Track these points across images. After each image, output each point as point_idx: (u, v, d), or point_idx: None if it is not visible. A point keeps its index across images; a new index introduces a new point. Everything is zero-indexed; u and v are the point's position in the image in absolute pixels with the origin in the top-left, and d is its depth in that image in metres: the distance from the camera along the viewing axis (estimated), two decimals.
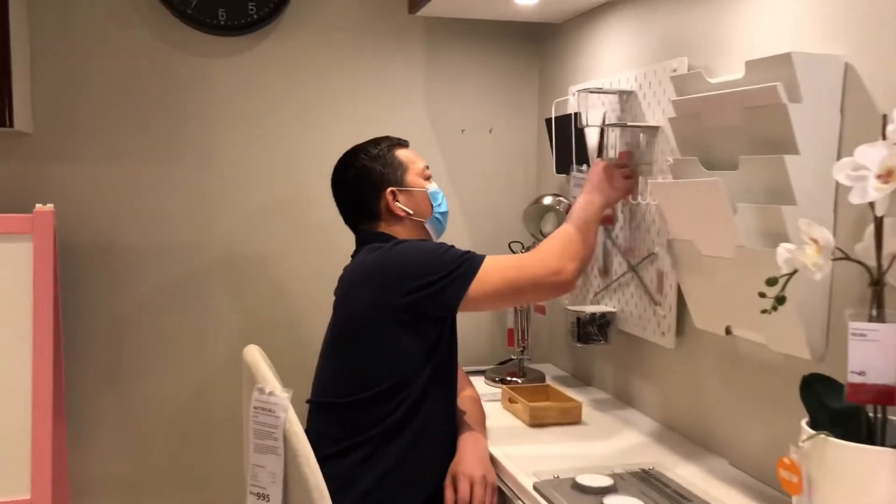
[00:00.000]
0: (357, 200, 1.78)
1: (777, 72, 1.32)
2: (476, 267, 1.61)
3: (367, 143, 1.83)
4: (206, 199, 2.35)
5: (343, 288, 1.73)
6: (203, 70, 2.32)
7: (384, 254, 1.64)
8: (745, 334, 1.54)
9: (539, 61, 2.60)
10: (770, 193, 1.37)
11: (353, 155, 1.81)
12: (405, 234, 1.75)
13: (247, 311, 2.42)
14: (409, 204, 1.77)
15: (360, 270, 1.69)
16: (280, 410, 1.44)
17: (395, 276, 1.60)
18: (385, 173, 1.76)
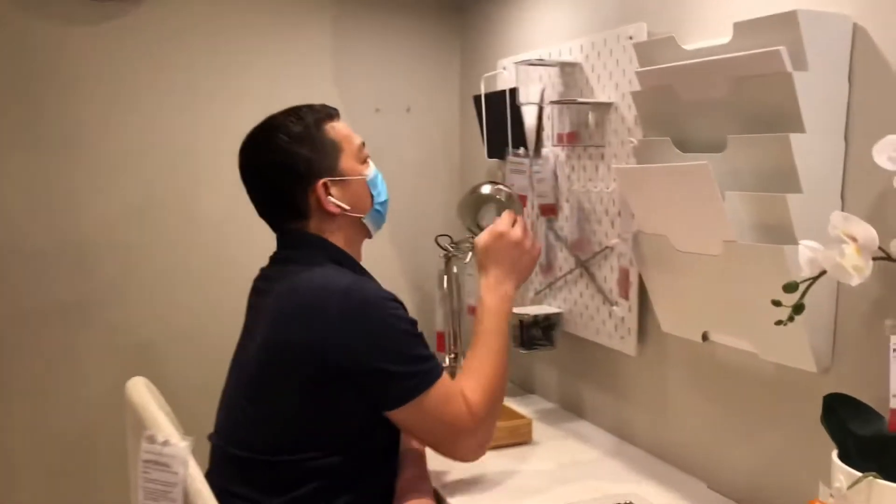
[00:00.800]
0: (277, 194, 1.37)
1: (776, 35, 1.10)
2: (432, 380, 1.26)
3: (286, 115, 1.37)
4: (75, 193, 1.98)
5: (271, 309, 1.30)
6: (66, 41, 1.94)
7: (340, 300, 1.23)
8: (727, 341, 1.34)
9: (460, 32, 2.34)
10: (764, 179, 1.16)
11: (270, 133, 1.35)
12: (339, 234, 1.38)
13: (134, 326, 2.07)
14: (344, 197, 1.37)
15: (298, 300, 1.27)
16: (178, 465, 1.14)
17: (344, 336, 1.22)
18: (313, 160, 1.34)
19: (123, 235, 2.03)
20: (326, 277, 1.28)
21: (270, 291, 1.33)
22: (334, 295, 1.23)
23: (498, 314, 1.42)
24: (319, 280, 1.27)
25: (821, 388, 1.15)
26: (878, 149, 0.90)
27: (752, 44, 1.14)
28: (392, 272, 2.31)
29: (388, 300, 1.26)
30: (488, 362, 1.36)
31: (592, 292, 1.69)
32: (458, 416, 1.27)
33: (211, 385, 1.75)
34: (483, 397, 1.31)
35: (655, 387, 1.56)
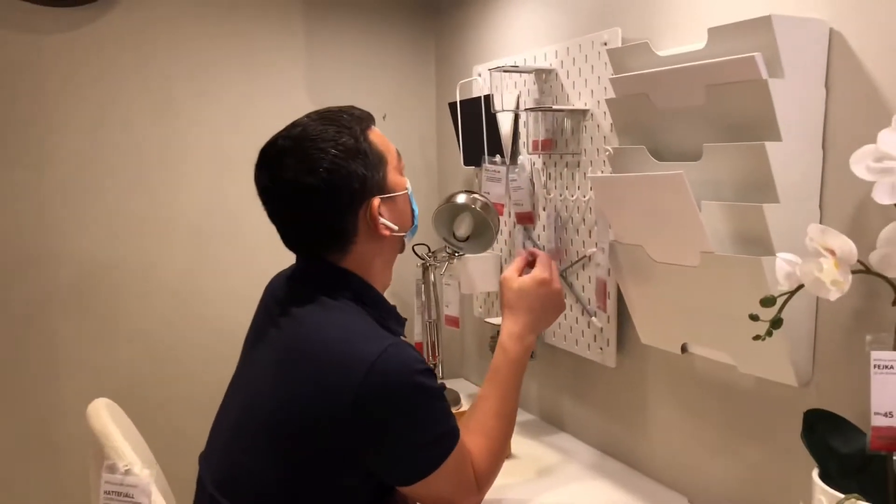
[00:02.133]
0: (315, 221, 1.17)
1: (751, 40, 1.07)
2: (447, 452, 1.14)
3: (325, 122, 1.17)
4: (43, 209, 1.93)
5: (284, 360, 1.16)
6: (32, 49, 1.89)
7: (363, 378, 1.06)
8: (706, 353, 1.31)
9: (435, 37, 2.31)
10: (741, 189, 1.13)
11: (311, 146, 1.14)
12: (377, 263, 1.24)
13: (106, 352, 2.02)
14: (392, 215, 1.21)
15: (315, 364, 1.10)
16: (141, 495, 1.09)
17: (364, 419, 1.07)
18: (367, 176, 1.16)
19: (94, 247, 1.98)
20: (351, 337, 1.12)
21: (282, 326, 1.20)
22: (359, 367, 1.06)
23: (518, 366, 1.34)
24: (342, 342, 1.11)
25: (801, 401, 1.13)
26: (856, 158, 0.87)
27: (727, 50, 1.11)
28: None
29: (418, 373, 1.10)
30: (500, 430, 1.27)
31: (571, 302, 1.66)
32: (467, 484, 1.19)
33: (189, 419, 1.71)
34: (490, 463, 1.23)
35: (635, 399, 1.53)
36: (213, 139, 2.08)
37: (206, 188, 2.08)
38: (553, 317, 1.41)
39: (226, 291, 2.11)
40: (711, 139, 1.16)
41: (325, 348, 1.11)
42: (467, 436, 1.22)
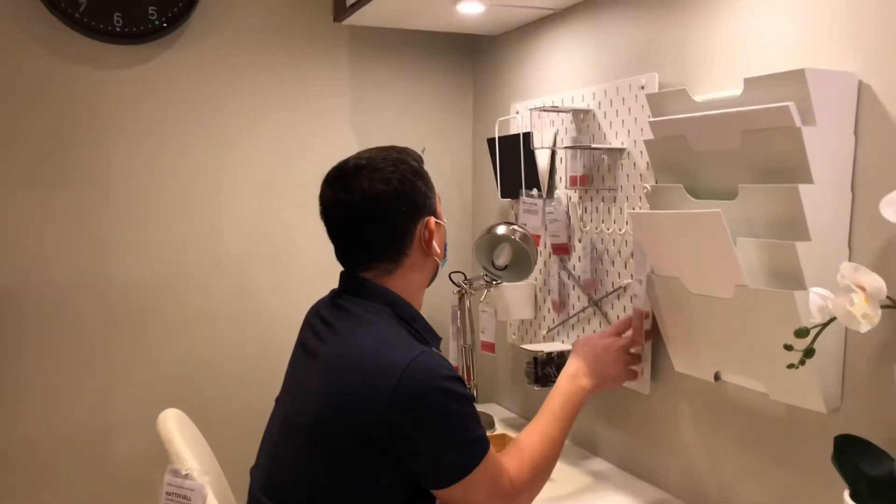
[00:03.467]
0: (385, 227, 1.30)
1: (785, 90, 1.16)
2: (480, 458, 1.22)
3: (393, 151, 1.35)
4: (103, 233, 2.04)
5: (327, 371, 1.26)
6: (96, 84, 2.01)
7: (397, 380, 1.16)
8: (739, 381, 1.38)
9: (473, 76, 2.41)
10: (775, 227, 1.21)
11: (384, 164, 1.31)
12: (418, 281, 1.36)
13: (163, 372, 2.12)
14: (437, 240, 1.36)
15: (354, 372, 1.20)
16: (197, 499, 1.18)
17: (399, 419, 1.17)
18: (427, 195, 1.34)
19: (150, 272, 2.08)
20: (386, 347, 1.22)
21: (326, 340, 1.30)
22: (392, 373, 1.16)
23: (567, 401, 1.44)
24: (378, 351, 1.21)
25: (830, 427, 1.20)
26: (885, 203, 0.95)
27: (762, 98, 1.20)
28: None
29: (447, 379, 1.20)
30: (542, 446, 1.36)
31: None
32: (501, 491, 1.26)
33: (242, 418, 1.80)
34: (527, 475, 1.30)
35: (668, 425, 1.60)
36: (261, 169, 2.18)
37: (254, 215, 2.18)
38: (608, 376, 1.51)
39: (271, 312, 2.20)
40: (746, 180, 1.25)
41: (362, 358, 1.22)
42: (509, 451, 1.32)
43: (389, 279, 1.33)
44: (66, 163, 1.99)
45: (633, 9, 1.66)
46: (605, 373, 1.51)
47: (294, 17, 2.18)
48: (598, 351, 1.52)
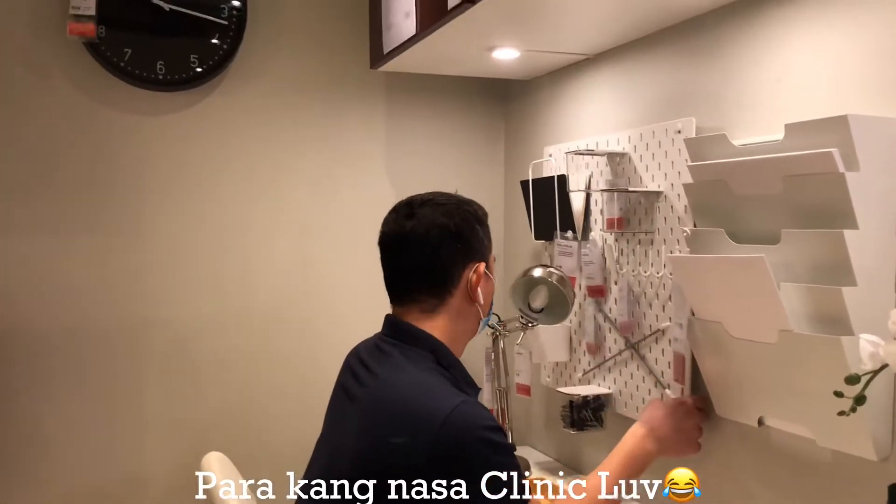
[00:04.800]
0: (437, 258, 1.32)
1: (827, 136, 1.17)
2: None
3: (461, 197, 1.41)
4: (141, 274, 2.07)
5: (368, 413, 1.27)
6: (139, 128, 2.06)
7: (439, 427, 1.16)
8: (784, 426, 1.37)
9: (505, 119, 2.44)
10: (818, 272, 1.21)
11: (451, 203, 1.37)
12: (459, 326, 1.35)
13: (198, 411, 2.14)
14: (485, 291, 1.37)
15: (396, 416, 1.21)
16: None
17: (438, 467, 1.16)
18: (484, 242, 1.38)
19: (182, 312, 2.11)
20: (429, 393, 1.23)
21: (366, 384, 1.31)
22: (436, 419, 1.16)
23: (629, 460, 1.45)
24: (420, 396, 1.22)
25: (880, 475, 1.18)
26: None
27: (804, 144, 1.21)
28: None
29: (490, 429, 1.19)
30: (592, 492, 1.39)
31: (643, 374, 1.73)
32: None
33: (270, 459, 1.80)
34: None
35: (710, 470, 1.57)
36: (296, 213, 2.21)
37: (288, 259, 2.21)
38: (673, 444, 1.50)
39: (304, 354, 2.22)
40: (788, 224, 1.25)
41: (403, 404, 1.22)
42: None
43: (431, 321, 1.34)
44: (106, 206, 2.04)
45: (667, 53, 1.69)
46: (674, 441, 1.50)
47: (331, 64, 2.23)
48: (677, 423, 1.51)
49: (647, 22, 1.67)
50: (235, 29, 2.10)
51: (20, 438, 1.98)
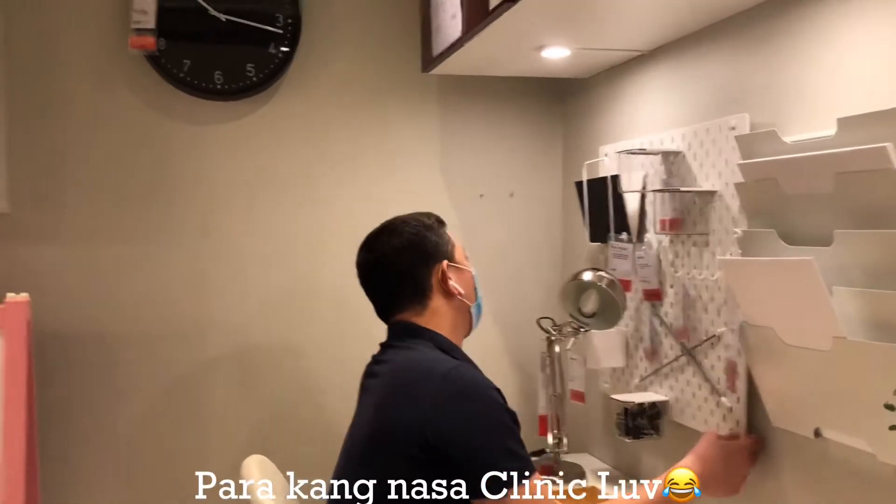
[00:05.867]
0: (402, 274, 1.49)
1: (882, 130, 1.10)
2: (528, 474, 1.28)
3: (412, 214, 1.58)
4: (203, 280, 2.13)
5: (379, 388, 1.44)
6: (198, 138, 2.12)
7: (441, 382, 1.32)
8: (841, 438, 1.29)
9: (562, 120, 2.40)
10: (874, 275, 1.14)
11: (400, 224, 1.54)
12: (449, 321, 1.50)
13: (258, 411, 2.19)
14: (459, 282, 1.52)
15: (403, 380, 1.39)
16: None
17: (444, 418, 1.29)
18: (439, 244, 1.52)
19: (250, 321, 2.16)
20: (431, 360, 1.39)
21: (380, 373, 1.47)
22: (436, 376, 1.33)
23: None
24: (424, 363, 1.39)
25: None
26: None
27: (857, 139, 1.14)
28: (495, 353, 2.34)
29: (489, 388, 1.34)
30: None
31: (700, 381, 1.67)
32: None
33: (326, 460, 1.82)
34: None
35: (765, 483, 1.50)
36: (352, 219, 2.21)
37: (342, 265, 2.21)
38: (723, 480, 1.49)
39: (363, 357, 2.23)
40: (841, 225, 1.18)
41: (407, 372, 1.40)
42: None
43: (425, 320, 1.49)
44: (169, 213, 2.10)
45: (721, 47, 1.62)
46: (719, 483, 1.49)
47: (385, 69, 2.23)
48: (725, 466, 1.49)
49: (699, 15, 1.60)
50: (291, 37, 2.13)
51: (93, 437, 2.06)
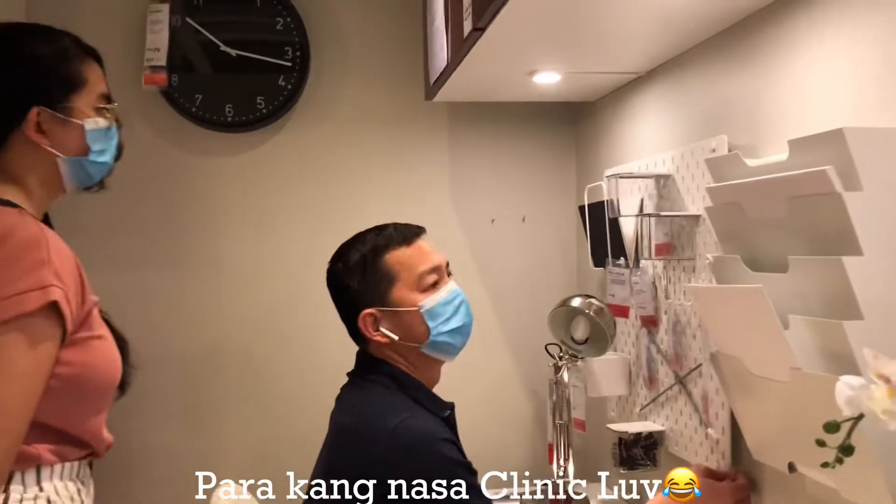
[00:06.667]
0: (341, 315, 1.46)
1: (828, 153, 1.05)
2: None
3: (359, 235, 1.46)
4: (214, 308, 2.19)
5: (329, 435, 1.41)
6: (210, 169, 2.19)
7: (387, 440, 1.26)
8: (812, 474, 1.23)
9: (575, 142, 2.38)
10: (827, 303, 1.08)
11: (333, 261, 1.46)
12: (402, 359, 1.41)
13: (268, 434, 2.23)
14: (394, 327, 1.38)
15: (350, 434, 1.34)
16: None
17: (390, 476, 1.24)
18: (359, 291, 1.39)
19: (261, 348, 2.21)
20: (377, 413, 1.31)
21: (334, 416, 1.42)
22: (380, 438, 1.26)
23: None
24: (368, 416, 1.32)
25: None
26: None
27: (808, 162, 1.09)
28: (508, 378, 2.33)
29: (437, 440, 1.27)
30: None
31: (691, 411, 1.61)
32: None
33: None
34: None
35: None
36: None
37: None
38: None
39: None
40: (798, 251, 1.13)
41: (356, 422, 1.33)
42: None
43: (376, 352, 1.42)
44: (183, 242, 2.18)
45: (706, 68, 1.59)
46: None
47: (392, 98, 2.27)
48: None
49: (681, 37, 1.57)
50: (299, 69, 2.19)
51: (118, 462, 2.13)
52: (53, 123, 1.21)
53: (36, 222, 1.19)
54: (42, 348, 1.10)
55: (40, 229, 1.16)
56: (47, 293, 1.09)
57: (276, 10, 2.17)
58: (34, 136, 1.20)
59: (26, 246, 1.12)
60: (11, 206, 1.19)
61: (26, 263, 1.10)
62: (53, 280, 1.10)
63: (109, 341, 1.25)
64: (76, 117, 1.23)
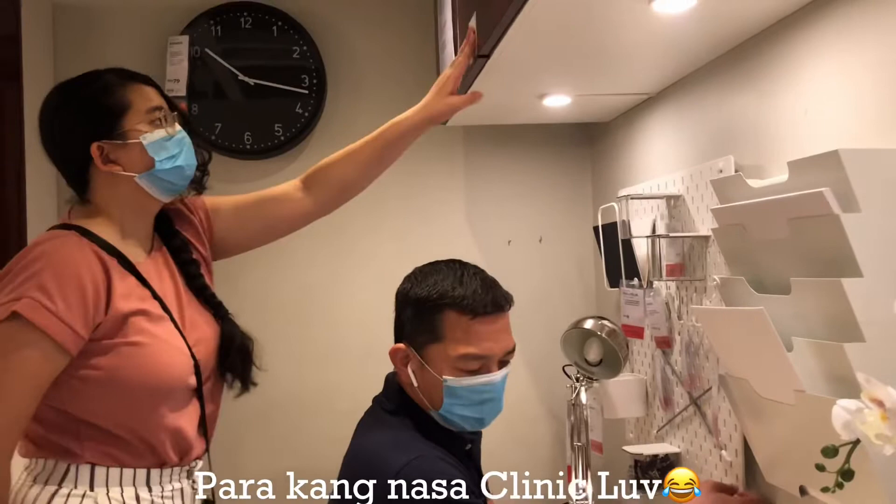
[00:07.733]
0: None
1: (826, 174, 1.05)
2: None
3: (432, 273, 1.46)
4: None
5: (342, 467, 1.40)
6: (231, 195, 2.22)
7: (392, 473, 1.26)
8: (824, 498, 1.21)
9: (591, 163, 2.38)
10: (829, 325, 1.08)
11: (405, 280, 1.49)
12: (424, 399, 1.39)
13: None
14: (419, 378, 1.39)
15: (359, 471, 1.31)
16: None
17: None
18: (405, 323, 1.44)
19: (280, 371, 2.22)
20: (384, 450, 1.32)
21: (354, 438, 1.43)
22: (385, 477, 1.24)
23: None
24: (378, 453, 1.32)
25: None
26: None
27: (807, 183, 1.09)
28: (529, 401, 2.32)
29: (436, 484, 1.23)
30: None
31: (705, 433, 1.60)
32: None
33: None
34: None
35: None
36: (382, 268, 2.27)
37: (374, 315, 2.27)
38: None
39: None
40: (800, 273, 1.12)
41: (368, 457, 1.33)
42: None
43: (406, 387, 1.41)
44: None
45: (713, 88, 1.59)
46: None
47: None
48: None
49: (689, 56, 1.57)
50: (316, 97, 2.22)
51: None
52: (116, 150, 1.31)
53: (65, 244, 1.27)
54: (16, 355, 1.18)
55: (55, 248, 1.25)
56: (13, 305, 1.17)
57: (293, 38, 2.21)
58: (105, 167, 1.31)
59: (29, 262, 1.21)
60: (71, 229, 1.29)
61: (19, 278, 1.20)
62: (32, 293, 1.18)
63: (151, 347, 1.29)
64: (132, 137, 1.31)
